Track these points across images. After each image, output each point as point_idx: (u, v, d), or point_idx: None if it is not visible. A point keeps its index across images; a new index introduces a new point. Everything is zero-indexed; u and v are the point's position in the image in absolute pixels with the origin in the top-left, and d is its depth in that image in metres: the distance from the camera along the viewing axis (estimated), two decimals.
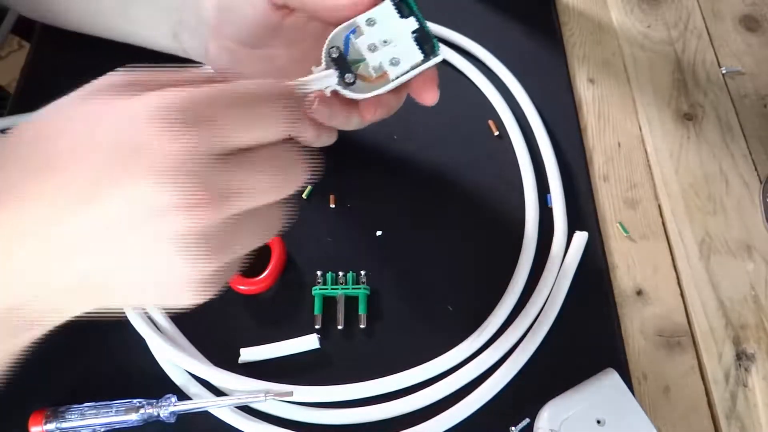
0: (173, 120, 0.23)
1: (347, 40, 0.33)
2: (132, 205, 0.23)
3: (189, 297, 0.26)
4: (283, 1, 0.35)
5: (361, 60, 0.33)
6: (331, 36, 0.33)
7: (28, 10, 0.52)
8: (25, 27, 0.58)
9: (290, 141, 0.27)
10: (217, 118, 0.24)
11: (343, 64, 0.33)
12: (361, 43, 0.33)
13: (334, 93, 0.33)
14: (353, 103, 0.36)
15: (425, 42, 0.33)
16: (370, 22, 0.33)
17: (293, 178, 0.27)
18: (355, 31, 0.33)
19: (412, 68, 0.33)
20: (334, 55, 0.33)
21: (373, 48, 0.33)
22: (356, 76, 0.33)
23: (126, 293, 0.26)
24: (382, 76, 0.33)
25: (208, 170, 0.23)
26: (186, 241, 0.23)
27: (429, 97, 0.35)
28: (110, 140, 0.23)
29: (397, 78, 0.33)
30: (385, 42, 0.33)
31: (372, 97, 0.34)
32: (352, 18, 0.33)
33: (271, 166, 0.26)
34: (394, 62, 0.33)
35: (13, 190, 0.24)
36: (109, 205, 0.23)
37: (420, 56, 0.33)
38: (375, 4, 0.32)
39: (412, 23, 0.33)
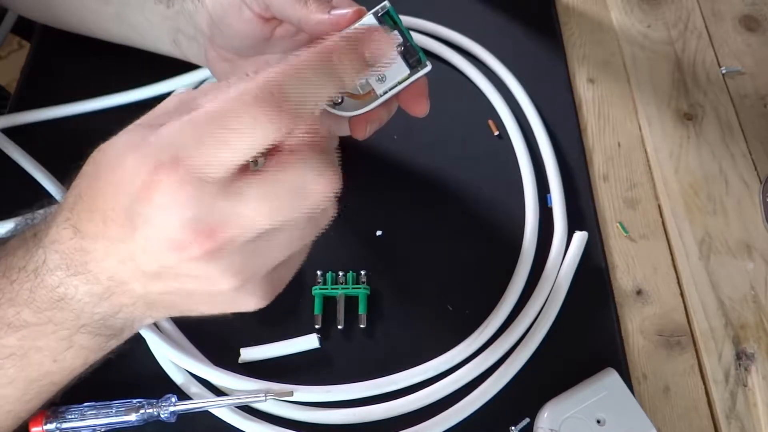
0: (153, 165, 0.23)
1: None
2: (148, 246, 0.24)
3: (246, 305, 0.28)
4: (270, 14, 0.35)
5: None
6: None
7: (28, 11, 0.52)
8: (25, 27, 0.58)
9: (307, 153, 0.25)
10: (195, 151, 0.23)
11: None
12: None
13: (323, 112, 0.33)
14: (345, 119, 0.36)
15: (410, 55, 0.33)
16: None
17: (308, 196, 0.25)
18: None
19: (399, 83, 0.33)
20: None
21: None
22: (343, 95, 0.33)
23: (186, 308, 0.28)
24: (369, 93, 0.33)
25: (193, 207, 0.23)
26: (207, 267, 0.25)
27: (418, 109, 0.35)
28: (120, 191, 0.24)
29: (384, 94, 0.33)
30: None
31: (360, 114, 0.33)
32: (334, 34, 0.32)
33: (269, 185, 0.24)
34: (380, 78, 0.33)
35: (80, 228, 0.26)
36: (136, 245, 0.25)
37: (406, 71, 0.33)
38: (356, 20, 0.32)
39: (395, 38, 0.32)
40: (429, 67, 0.33)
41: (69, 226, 0.26)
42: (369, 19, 0.32)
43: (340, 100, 0.33)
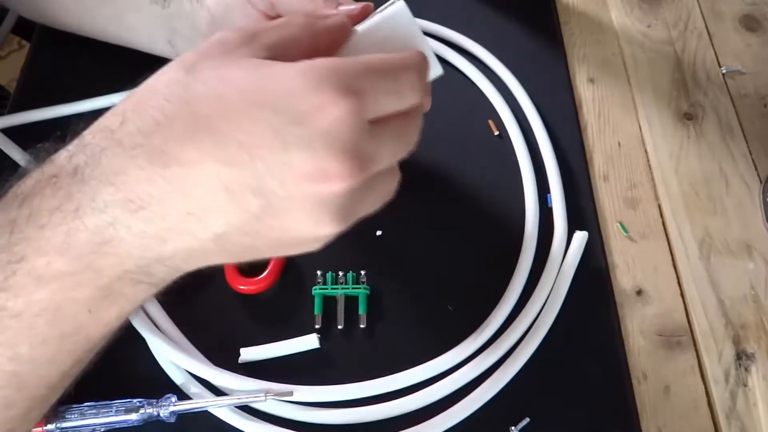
0: (334, 92, 0.24)
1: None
2: (284, 171, 0.24)
3: (304, 249, 0.27)
4: (275, 12, 0.36)
5: None
6: None
7: (27, 11, 0.52)
8: (25, 27, 0.58)
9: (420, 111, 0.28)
10: (369, 89, 0.25)
11: None
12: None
13: None
14: None
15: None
16: None
17: (412, 142, 0.28)
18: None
19: None
20: None
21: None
22: None
23: (255, 251, 0.27)
24: None
25: (359, 141, 0.24)
26: (329, 206, 0.25)
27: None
28: (268, 108, 0.24)
29: None
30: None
31: None
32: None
33: (402, 133, 0.27)
34: None
35: (168, 152, 0.24)
36: (261, 170, 0.24)
37: None
38: (364, 17, 0.32)
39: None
40: (440, 73, 0.33)
41: (141, 153, 0.24)
42: (380, 16, 0.32)
43: None
